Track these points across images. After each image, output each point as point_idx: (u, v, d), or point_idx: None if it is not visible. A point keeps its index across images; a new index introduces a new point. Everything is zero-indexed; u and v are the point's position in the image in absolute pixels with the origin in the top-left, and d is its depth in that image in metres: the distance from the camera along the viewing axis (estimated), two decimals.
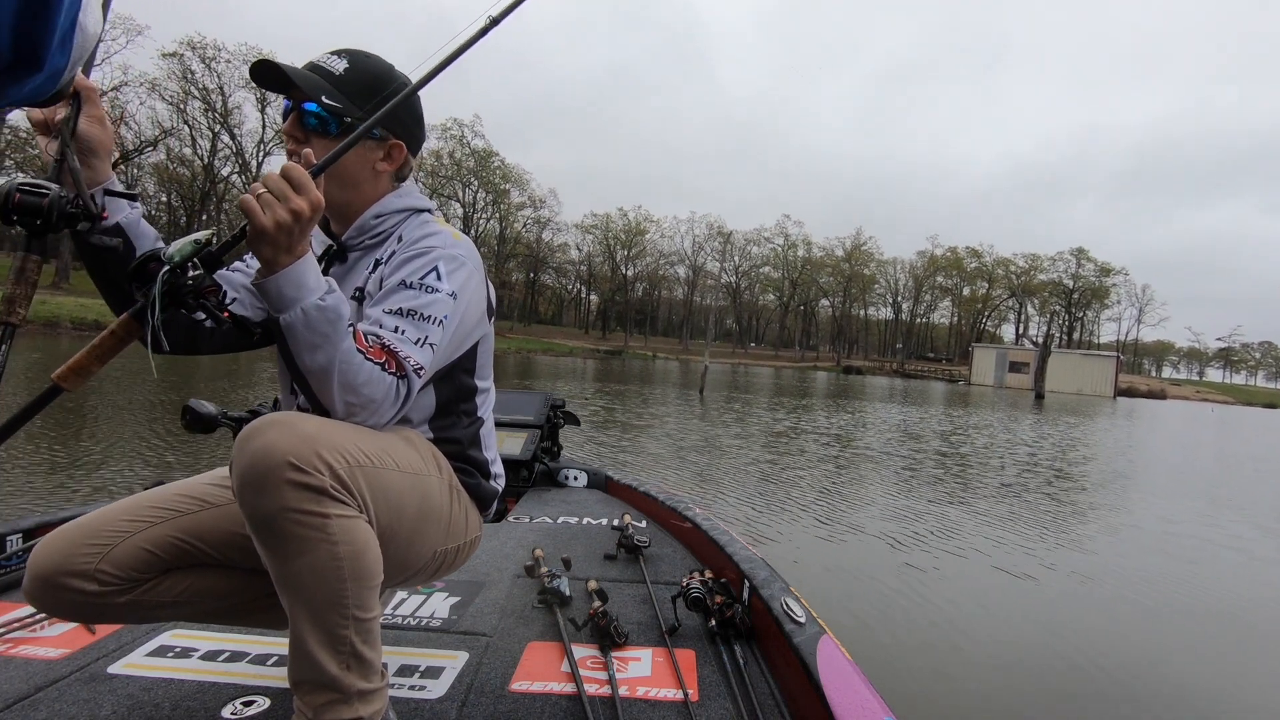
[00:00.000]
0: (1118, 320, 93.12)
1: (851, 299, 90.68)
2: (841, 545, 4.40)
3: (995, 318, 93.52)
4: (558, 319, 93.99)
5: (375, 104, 1.13)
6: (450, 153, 64.24)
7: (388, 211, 1.22)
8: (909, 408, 20.21)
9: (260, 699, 1.32)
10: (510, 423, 3.45)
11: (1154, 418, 27.87)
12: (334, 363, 0.95)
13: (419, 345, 1.05)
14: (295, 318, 0.93)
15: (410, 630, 1.70)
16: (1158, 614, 3.61)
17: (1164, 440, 16.54)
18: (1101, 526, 5.62)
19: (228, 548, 1.15)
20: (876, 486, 6.77)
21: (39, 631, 1.56)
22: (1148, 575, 4.26)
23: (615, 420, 10.75)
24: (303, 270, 0.94)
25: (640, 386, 20.99)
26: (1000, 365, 63.86)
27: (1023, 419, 18.93)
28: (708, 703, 1.39)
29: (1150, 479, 9.17)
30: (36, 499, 3.99)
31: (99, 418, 7.05)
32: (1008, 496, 6.63)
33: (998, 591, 3.71)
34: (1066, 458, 10.35)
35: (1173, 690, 2.72)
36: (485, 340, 1.30)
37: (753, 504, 5.40)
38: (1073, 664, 2.84)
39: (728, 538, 2.16)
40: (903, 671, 2.67)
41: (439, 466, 1.19)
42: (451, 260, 1.14)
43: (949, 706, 2.45)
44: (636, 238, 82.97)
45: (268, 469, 0.89)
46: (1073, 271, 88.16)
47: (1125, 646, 3.11)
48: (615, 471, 3.43)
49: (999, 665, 2.80)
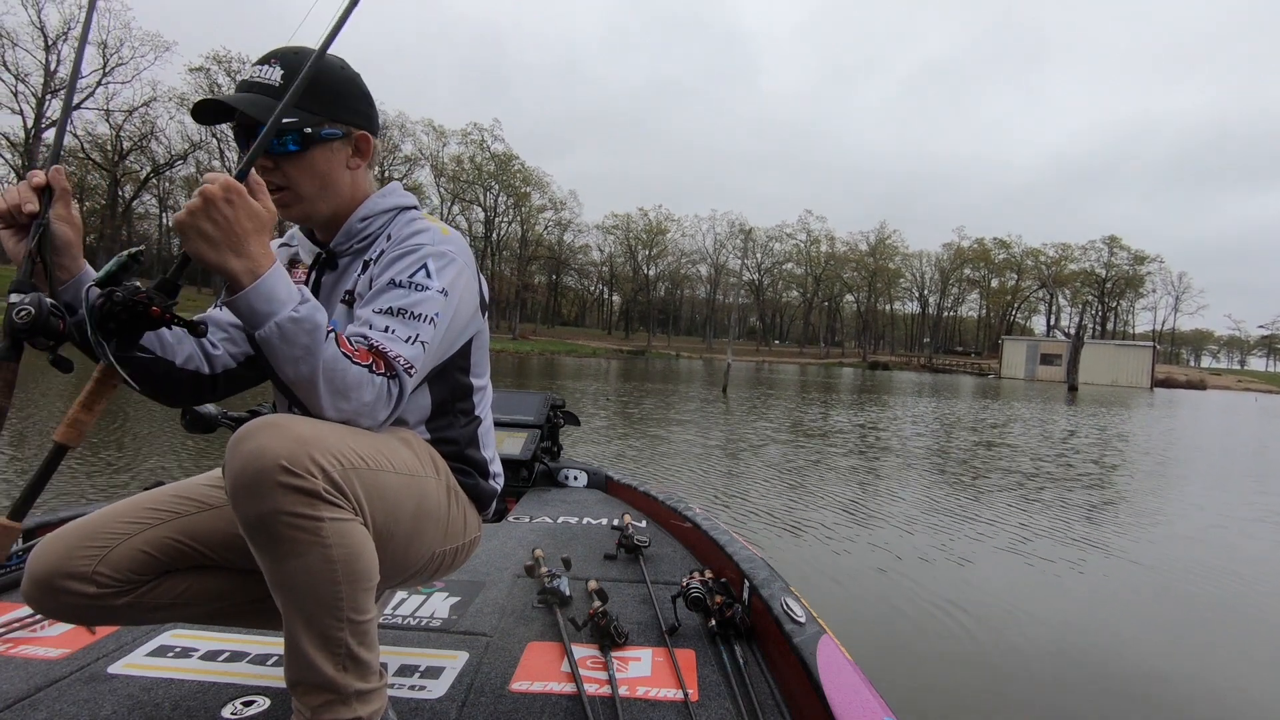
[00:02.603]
0: (1153, 309, 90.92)
1: (876, 294, 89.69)
2: (842, 545, 4.35)
3: (1025, 309, 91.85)
4: (580, 320, 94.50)
5: (329, 99, 1.12)
6: (471, 157, 64.83)
7: (374, 213, 1.20)
8: (934, 401, 19.92)
9: (260, 699, 1.32)
10: (510, 423, 3.46)
11: (1193, 408, 27.13)
12: (317, 372, 0.93)
13: (409, 343, 1.03)
14: (270, 332, 0.92)
15: (410, 630, 1.69)
16: (1171, 614, 3.53)
17: (1202, 430, 16.07)
18: (1119, 523, 5.47)
19: (226, 549, 1.15)
20: (886, 481, 6.68)
21: (39, 631, 1.57)
22: (1162, 575, 4.15)
23: (634, 419, 10.75)
24: (271, 283, 0.93)
25: (663, 385, 21.00)
26: (1031, 358, 62.67)
27: (1054, 411, 18.56)
28: (708, 703, 1.37)
29: (1172, 470, 8.92)
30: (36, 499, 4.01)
31: (97, 421, 7.11)
32: (1017, 492, 6.50)
33: (999, 590, 3.65)
34: (1083, 450, 10.12)
35: (1174, 689, 2.67)
36: (480, 337, 1.28)
37: (754, 502, 5.36)
38: (1075, 663, 2.79)
39: (728, 537, 2.14)
40: (903, 671, 2.64)
41: (436, 467, 1.18)
42: (440, 257, 1.12)
43: (949, 706, 2.42)
44: (658, 237, 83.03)
45: (260, 472, 0.88)
46: (1105, 260, 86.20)
47: (1133, 647, 3.04)
48: (615, 471, 3.42)
49: (1000, 665, 2.76)
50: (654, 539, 2.49)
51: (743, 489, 5.83)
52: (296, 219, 1.18)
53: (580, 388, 17.37)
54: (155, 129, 41.01)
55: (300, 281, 1.23)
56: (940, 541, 4.52)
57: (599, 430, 9.16)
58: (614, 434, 8.92)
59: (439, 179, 63.32)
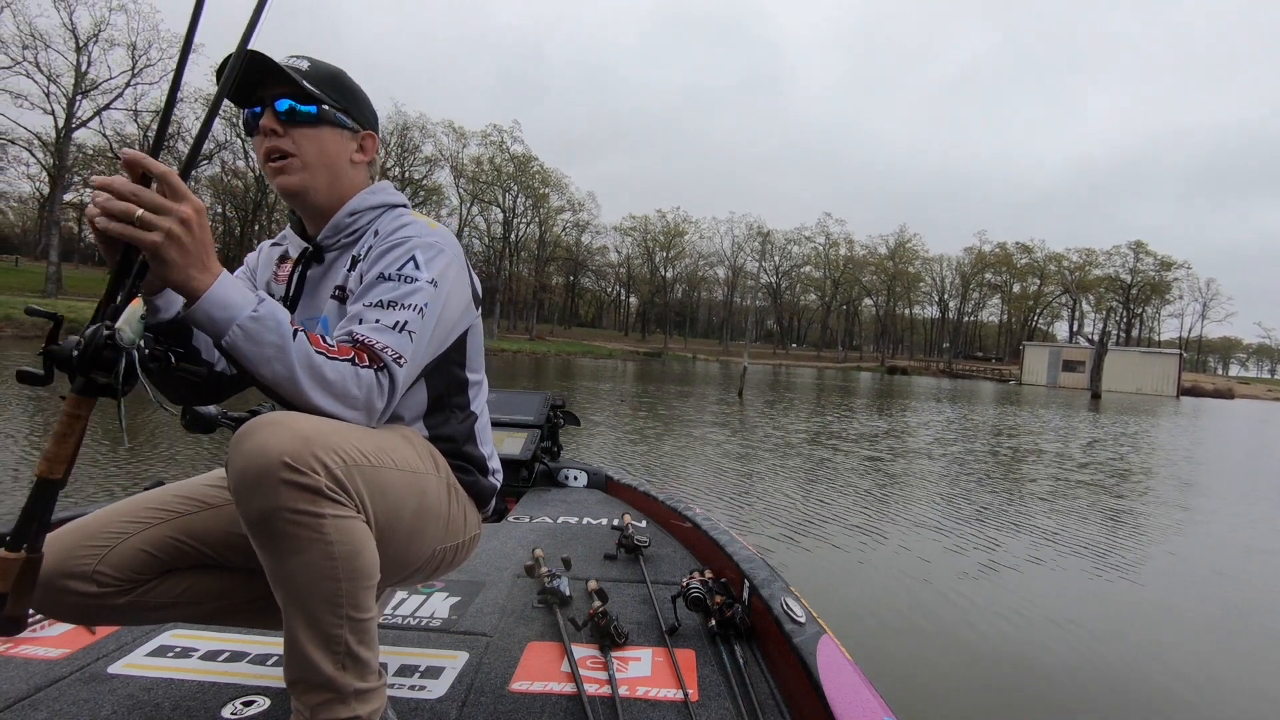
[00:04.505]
0: (1180, 316, 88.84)
1: (895, 298, 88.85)
2: (843, 544, 4.32)
3: (1047, 315, 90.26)
4: (598, 322, 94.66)
5: (347, 94, 1.18)
6: (490, 158, 65.12)
7: (362, 209, 1.21)
8: (953, 408, 19.69)
9: (260, 699, 1.32)
10: (510, 423, 3.45)
11: (1220, 417, 26.59)
12: (294, 369, 0.93)
13: (397, 331, 1.03)
14: (235, 336, 0.90)
15: (410, 630, 1.69)
16: (1178, 617, 3.49)
17: (1227, 440, 15.73)
18: (1125, 528, 5.40)
19: (226, 548, 1.15)
20: (889, 481, 6.63)
21: (39, 631, 1.57)
22: (1171, 580, 4.11)
23: (649, 419, 10.73)
24: (223, 290, 0.91)
25: (679, 386, 20.96)
26: (1053, 364, 61.76)
27: (1075, 418, 18.26)
28: (708, 703, 1.37)
29: (1188, 476, 8.73)
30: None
31: (99, 418, 7.13)
32: (1018, 494, 6.42)
33: (1000, 591, 3.62)
34: (1099, 457, 9.94)
35: (1175, 689, 2.65)
36: (474, 330, 1.28)
37: (762, 501, 5.33)
38: (1077, 665, 2.77)
39: (728, 538, 2.13)
40: (903, 671, 2.63)
41: (436, 464, 1.18)
42: (429, 248, 1.12)
43: (949, 707, 2.41)
44: (675, 239, 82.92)
45: (263, 469, 0.88)
46: (1130, 266, 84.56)
47: (1135, 650, 3.01)
48: (615, 471, 3.42)
49: (1001, 665, 2.75)
50: (654, 539, 2.49)
51: (751, 490, 5.80)
52: (294, 189, 1.15)
53: (595, 388, 17.40)
54: (181, 129, 41.71)
55: (286, 276, 1.24)
56: (941, 542, 4.51)
57: (602, 431, 9.17)
58: (626, 437, 8.91)
59: (458, 180, 63.69)
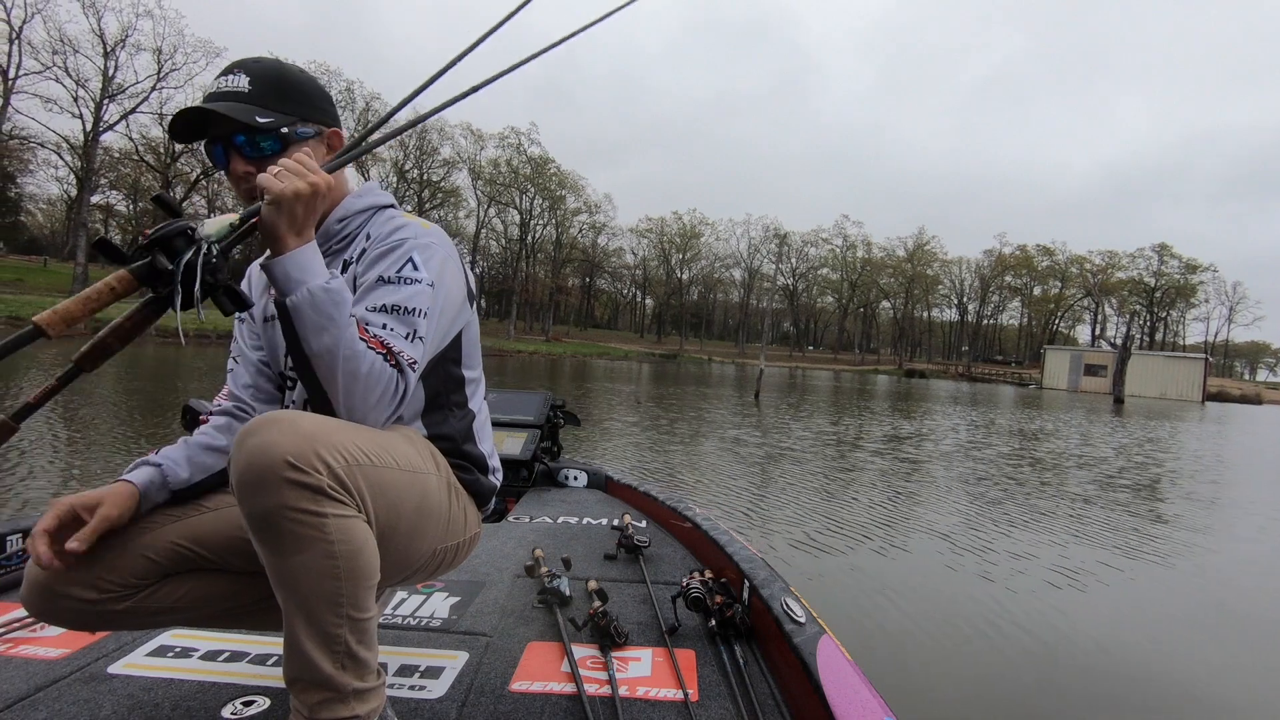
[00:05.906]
0: (1205, 320, 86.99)
1: (914, 300, 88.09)
2: (843, 545, 4.30)
3: (1069, 318, 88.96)
4: (613, 323, 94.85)
5: (299, 100, 1.14)
6: (508, 160, 65.51)
7: (350, 213, 1.20)
8: (972, 410, 19.46)
9: (260, 699, 1.33)
10: (510, 423, 3.46)
11: (1248, 422, 26.06)
12: (339, 345, 0.95)
13: (409, 340, 1.04)
14: (302, 298, 0.95)
15: (410, 630, 1.69)
16: (1171, 622, 3.45)
17: (1261, 448, 15.39)
18: (1130, 530, 5.31)
19: (226, 551, 1.15)
20: (893, 482, 6.57)
21: (39, 631, 1.57)
22: (1173, 582, 4.05)
23: (663, 421, 10.72)
24: (309, 254, 0.99)
25: (696, 388, 20.93)
26: (1075, 368, 60.81)
27: (1097, 422, 17.98)
28: (708, 703, 1.36)
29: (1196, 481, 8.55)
30: (36, 502, 4.02)
31: (98, 418, 7.19)
32: (1020, 496, 6.35)
33: (999, 592, 3.58)
34: (1109, 463, 9.77)
35: (1175, 689, 2.64)
36: (470, 328, 1.28)
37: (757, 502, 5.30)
38: (1078, 666, 2.74)
39: (727, 538, 2.12)
40: (903, 672, 2.62)
41: (437, 463, 1.18)
42: (425, 249, 1.12)
43: (949, 707, 2.39)
44: (691, 241, 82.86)
45: (265, 467, 0.88)
46: (1155, 269, 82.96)
47: (1133, 651, 2.98)
48: (615, 471, 3.41)
49: (1001, 665, 2.72)
50: (654, 539, 2.48)
51: (760, 493, 5.77)
52: None
53: (611, 389, 17.42)
54: None
55: None
56: (942, 543, 4.48)
57: (616, 433, 9.17)
58: (645, 440, 8.91)
59: (476, 182, 64.15)
